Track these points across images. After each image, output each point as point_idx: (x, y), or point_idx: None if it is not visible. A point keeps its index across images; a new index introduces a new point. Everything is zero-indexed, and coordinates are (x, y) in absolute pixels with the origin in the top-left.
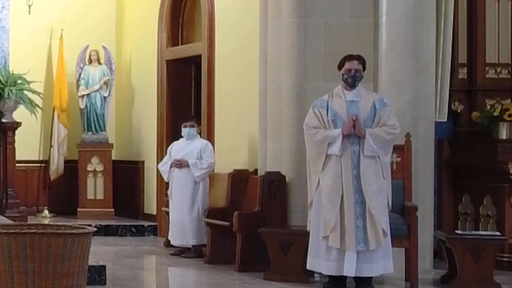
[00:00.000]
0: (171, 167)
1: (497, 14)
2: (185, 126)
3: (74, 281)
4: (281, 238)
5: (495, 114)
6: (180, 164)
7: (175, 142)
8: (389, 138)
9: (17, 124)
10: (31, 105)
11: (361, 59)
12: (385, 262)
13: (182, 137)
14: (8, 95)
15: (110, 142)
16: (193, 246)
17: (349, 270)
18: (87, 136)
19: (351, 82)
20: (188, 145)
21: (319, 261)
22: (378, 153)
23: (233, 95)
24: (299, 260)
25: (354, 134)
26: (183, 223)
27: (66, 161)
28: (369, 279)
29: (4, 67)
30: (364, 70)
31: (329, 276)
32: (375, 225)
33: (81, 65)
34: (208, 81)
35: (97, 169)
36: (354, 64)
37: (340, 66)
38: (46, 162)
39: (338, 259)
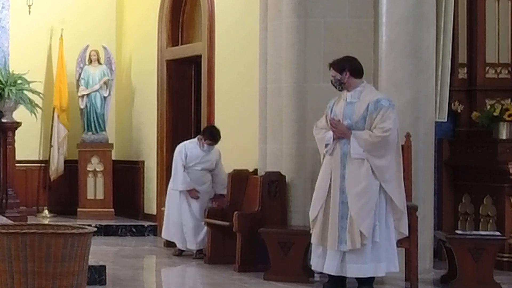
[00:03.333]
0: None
1: (497, 14)
2: (210, 144)
3: (74, 281)
4: (281, 238)
5: (495, 114)
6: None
7: (188, 145)
8: (376, 141)
9: (17, 124)
10: (31, 105)
11: (331, 65)
12: (376, 265)
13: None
14: (8, 95)
15: (110, 142)
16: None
17: (329, 268)
18: (87, 136)
19: (337, 89)
20: (205, 155)
21: (312, 257)
22: (365, 156)
23: (233, 95)
24: (299, 260)
25: (338, 136)
26: (197, 226)
27: (66, 161)
28: (371, 279)
29: (4, 67)
30: (341, 71)
31: (329, 275)
32: (352, 226)
33: (81, 65)
34: (208, 81)
35: (97, 169)
36: (331, 73)
37: None
38: (46, 162)
39: (322, 256)
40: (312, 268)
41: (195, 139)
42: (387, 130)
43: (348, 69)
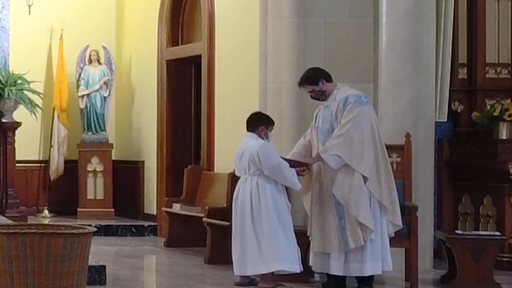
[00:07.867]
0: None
1: (497, 14)
2: (272, 129)
3: (74, 281)
4: None
5: (495, 114)
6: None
7: (266, 144)
8: (338, 141)
9: (17, 124)
10: (31, 105)
11: (303, 82)
12: (373, 263)
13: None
14: (8, 95)
15: (110, 142)
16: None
17: (335, 269)
18: (87, 136)
19: (321, 100)
20: None
21: (314, 258)
22: (344, 161)
23: (233, 95)
24: None
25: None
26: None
27: (66, 161)
28: (371, 279)
29: (4, 67)
30: (316, 83)
31: (328, 275)
32: (352, 225)
33: (81, 65)
34: (208, 81)
35: (97, 169)
36: (306, 90)
37: None
38: (46, 162)
39: (322, 257)
40: (313, 269)
41: (255, 139)
42: (344, 125)
43: (322, 77)
